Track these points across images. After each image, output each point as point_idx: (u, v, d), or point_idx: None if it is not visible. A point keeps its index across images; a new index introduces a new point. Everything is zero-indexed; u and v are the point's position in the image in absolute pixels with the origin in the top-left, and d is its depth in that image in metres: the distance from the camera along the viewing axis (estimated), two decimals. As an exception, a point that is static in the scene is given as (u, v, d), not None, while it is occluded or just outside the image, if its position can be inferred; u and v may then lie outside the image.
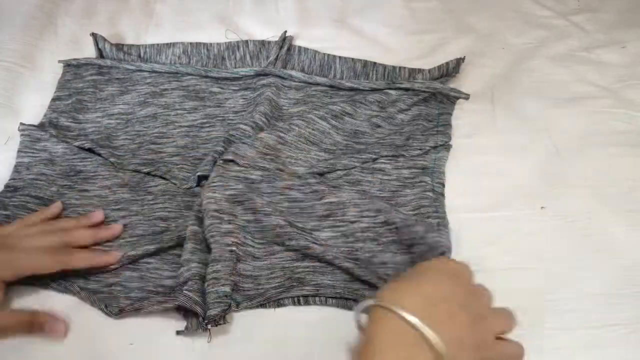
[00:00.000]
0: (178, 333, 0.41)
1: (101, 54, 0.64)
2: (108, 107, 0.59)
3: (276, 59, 0.63)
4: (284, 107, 0.59)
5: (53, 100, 0.59)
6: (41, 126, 0.56)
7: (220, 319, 0.41)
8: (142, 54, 0.65)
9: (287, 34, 0.66)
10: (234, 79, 0.62)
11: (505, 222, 0.50)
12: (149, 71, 0.62)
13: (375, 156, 0.54)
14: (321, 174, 0.53)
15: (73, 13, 0.69)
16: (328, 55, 0.65)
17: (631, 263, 0.48)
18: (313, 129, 0.55)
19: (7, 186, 0.51)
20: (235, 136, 0.54)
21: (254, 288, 0.45)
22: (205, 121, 0.57)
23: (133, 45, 0.66)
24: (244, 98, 0.60)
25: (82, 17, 0.69)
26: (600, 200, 0.52)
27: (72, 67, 0.62)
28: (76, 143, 0.54)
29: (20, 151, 0.54)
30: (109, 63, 0.62)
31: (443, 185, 0.53)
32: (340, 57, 0.65)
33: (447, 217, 0.50)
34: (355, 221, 0.48)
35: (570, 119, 0.60)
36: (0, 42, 0.63)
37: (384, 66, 0.65)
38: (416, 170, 0.54)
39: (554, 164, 0.55)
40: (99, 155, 0.53)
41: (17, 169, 0.52)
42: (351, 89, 0.61)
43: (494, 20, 0.72)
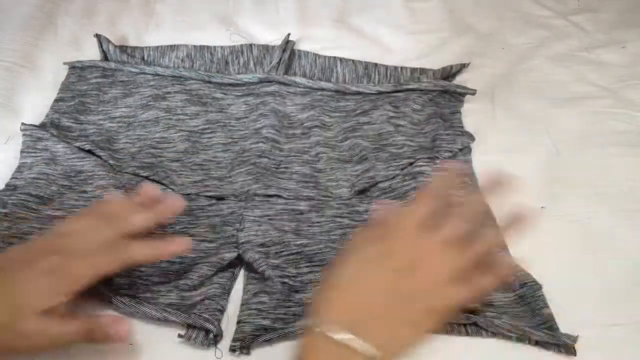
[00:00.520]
0: (180, 336, 0.41)
1: (105, 56, 0.64)
2: (110, 110, 0.58)
3: (279, 64, 0.63)
4: (292, 114, 0.58)
5: (56, 101, 0.59)
6: (42, 126, 0.56)
7: (244, 349, 0.41)
8: (146, 57, 0.65)
9: (290, 38, 0.65)
10: (237, 85, 0.61)
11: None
12: (152, 74, 0.62)
13: (412, 160, 0.54)
14: (364, 191, 0.53)
15: (73, 13, 0.69)
16: (329, 58, 0.65)
17: (632, 263, 0.48)
18: (341, 151, 0.56)
19: (8, 185, 0.51)
20: (257, 162, 0.53)
21: None
22: (206, 127, 0.57)
23: (137, 47, 0.66)
24: (247, 104, 0.60)
25: (82, 17, 0.69)
26: (600, 200, 0.52)
27: (77, 69, 0.62)
28: (76, 143, 0.53)
29: (22, 151, 0.53)
30: (113, 66, 0.62)
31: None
32: (341, 60, 0.65)
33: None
34: None
35: (570, 119, 0.60)
36: (0, 42, 0.63)
37: (386, 67, 0.65)
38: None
39: (554, 164, 0.55)
40: (98, 157, 0.53)
41: (20, 169, 0.52)
42: (357, 93, 0.61)
43: (494, 20, 0.72)
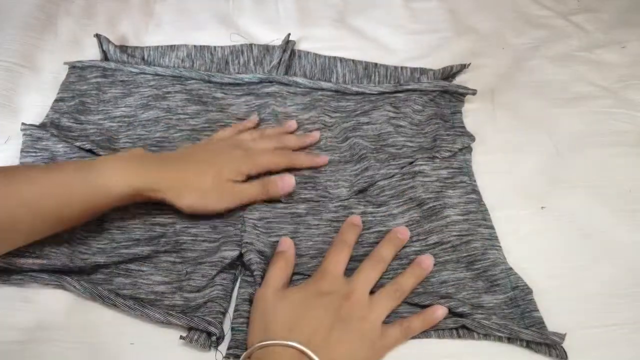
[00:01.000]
0: (182, 338, 0.41)
1: (105, 56, 0.64)
2: (111, 110, 0.58)
3: (279, 64, 0.63)
4: (293, 114, 0.59)
5: (56, 101, 0.59)
6: (42, 126, 0.56)
7: (238, 357, 0.41)
8: (146, 57, 0.65)
9: (290, 38, 0.65)
10: (238, 84, 0.61)
11: (505, 222, 0.50)
12: (152, 74, 0.62)
13: (411, 159, 0.54)
14: (363, 190, 0.53)
15: (73, 13, 0.69)
16: (329, 58, 0.65)
17: (631, 263, 0.48)
18: (341, 151, 0.56)
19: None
20: None
21: None
22: (206, 125, 0.57)
23: (137, 47, 0.66)
24: (247, 104, 0.60)
25: (83, 17, 0.69)
26: (600, 200, 0.52)
27: (77, 69, 0.62)
28: (77, 143, 0.53)
29: (23, 151, 0.53)
30: (113, 66, 0.62)
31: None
32: (341, 60, 0.65)
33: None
34: (406, 245, 0.48)
35: (570, 119, 0.60)
36: (0, 42, 0.63)
37: (386, 67, 0.65)
38: (453, 170, 0.54)
39: (554, 164, 0.55)
40: (99, 156, 0.53)
41: (19, 169, 0.52)
42: (357, 94, 0.61)
43: (494, 20, 0.72)
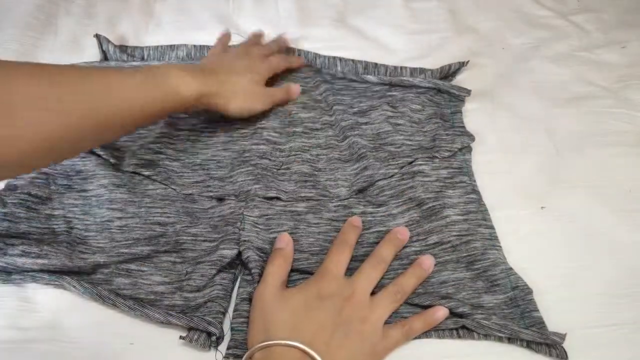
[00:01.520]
0: (182, 338, 0.41)
1: (105, 56, 0.64)
2: None
3: None
4: (293, 112, 0.59)
5: (55, 100, 0.59)
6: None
7: (238, 358, 0.41)
8: (146, 56, 0.65)
9: (290, 37, 0.65)
10: None
11: (505, 222, 0.50)
12: None
13: (411, 159, 0.54)
14: (363, 190, 0.53)
15: (73, 13, 0.69)
16: (329, 57, 0.65)
17: (631, 263, 0.48)
18: (341, 150, 0.56)
19: (8, 185, 0.51)
20: (257, 163, 0.53)
21: None
22: (205, 125, 0.57)
23: (137, 47, 0.66)
24: None
25: (83, 17, 0.69)
26: (600, 200, 0.52)
27: None
28: (76, 143, 0.53)
29: None
30: (113, 64, 0.62)
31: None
32: (341, 59, 0.65)
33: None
34: (406, 246, 0.48)
35: (570, 119, 0.60)
36: (0, 42, 0.63)
37: (386, 66, 0.65)
38: (453, 170, 0.54)
39: (554, 164, 0.55)
40: (99, 156, 0.53)
41: (20, 169, 0.52)
42: (354, 81, 0.62)
43: (494, 20, 0.72)
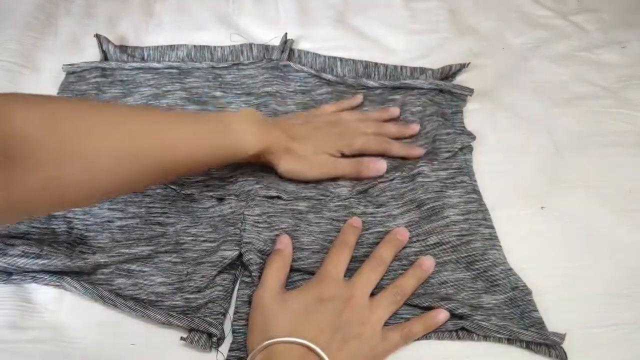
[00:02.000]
0: (182, 339, 0.41)
1: (105, 56, 0.64)
2: None
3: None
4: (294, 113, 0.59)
5: (55, 101, 0.59)
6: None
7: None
8: (146, 56, 0.65)
9: (288, 37, 0.66)
10: (237, 84, 0.62)
11: (505, 222, 0.50)
12: (154, 68, 0.62)
13: (412, 165, 0.54)
14: (364, 191, 0.53)
15: (73, 13, 0.69)
16: (329, 57, 0.65)
17: (631, 263, 0.48)
18: None
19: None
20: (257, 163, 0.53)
21: None
22: None
23: (137, 47, 0.66)
24: (247, 103, 0.60)
25: (83, 17, 0.69)
26: (600, 200, 0.52)
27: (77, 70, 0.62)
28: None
29: None
30: (114, 65, 0.62)
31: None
32: (341, 59, 0.65)
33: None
34: (406, 246, 0.48)
35: (570, 119, 0.60)
36: (0, 42, 0.63)
37: (386, 66, 0.65)
38: (453, 170, 0.54)
39: (554, 164, 0.55)
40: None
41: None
42: (357, 86, 0.62)
43: (494, 20, 0.72)
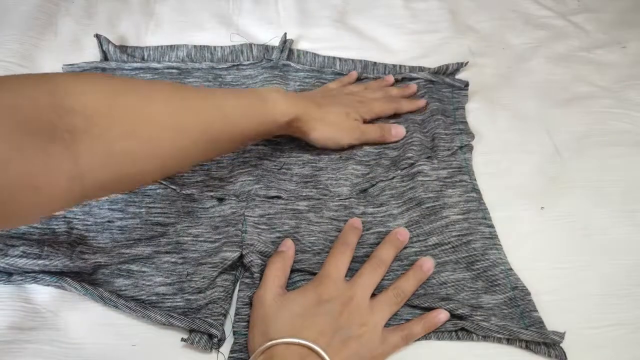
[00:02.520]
0: (183, 340, 0.41)
1: (105, 56, 0.64)
2: None
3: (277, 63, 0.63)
4: None
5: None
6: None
7: None
8: (146, 57, 0.65)
9: (288, 37, 0.66)
10: (237, 84, 0.62)
11: (505, 222, 0.50)
12: (154, 68, 0.62)
13: (412, 161, 0.54)
14: (364, 190, 0.53)
15: (73, 13, 0.69)
16: (328, 57, 0.65)
17: (631, 263, 0.48)
18: (342, 149, 0.56)
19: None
20: (257, 163, 0.53)
21: None
22: None
23: (137, 47, 0.66)
24: None
25: (83, 17, 0.69)
26: (600, 200, 0.52)
27: (76, 70, 0.62)
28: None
29: None
30: (114, 65, 0.62)
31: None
32: (340, 59, 0.65)
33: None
34: (406, 247, 0.48)
35: (570, 119, 0.60)
36: (0, 42, 0.63)
37: (384, 65, 0.65)
38: (453, 169, 0.54)
39: (554, 164, 0.56)
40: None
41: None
42: (358, 79, 0.62)
43: (494, 20, 0.72)
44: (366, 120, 0.56)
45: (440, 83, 0.62)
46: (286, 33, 0.66)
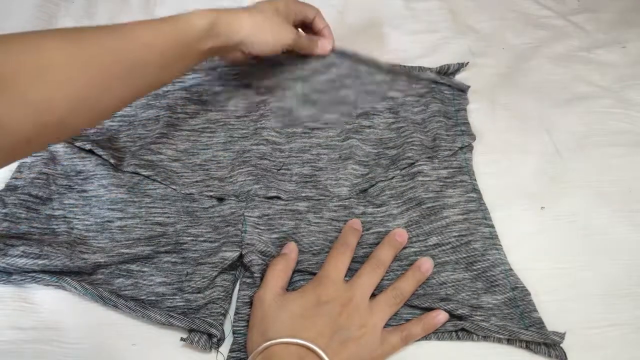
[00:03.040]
0: (183, 340, 0.41)
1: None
2: None
3: None
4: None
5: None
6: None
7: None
8: None
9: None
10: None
11: (505, 222, 0.50)
12: None
13: (411, 161, 0.54)
14: (364, 190, 0.53)
15: (73, 13, 0.69)
16: (327, 57, 0.65)
17: (631, 263, 0.48)
18: (341, 150, 0.56)
19: (8, 185, 0.51)
20: (257, 163, 0.53)
21: None
22: (206, 126, 0.57)
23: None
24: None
25: (83, 18, 0.69)
26: (600, 200, 0.52)
27: None
28: (77, 143, 0.53)
29: None
30: None
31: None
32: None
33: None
34: (406, 247, 0.48)
35: (570, 119, 0.60)
36: (0, 43, 0.63)
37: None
38: (453, 169, 0.54)
39: (554, 164, 0.55)
40: (99, 156, 0.53)
41: (20, 169, 0.52)
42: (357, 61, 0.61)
43: (494, 20, 0.72)
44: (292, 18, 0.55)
45: (442, 84, 0.62)
46: None
